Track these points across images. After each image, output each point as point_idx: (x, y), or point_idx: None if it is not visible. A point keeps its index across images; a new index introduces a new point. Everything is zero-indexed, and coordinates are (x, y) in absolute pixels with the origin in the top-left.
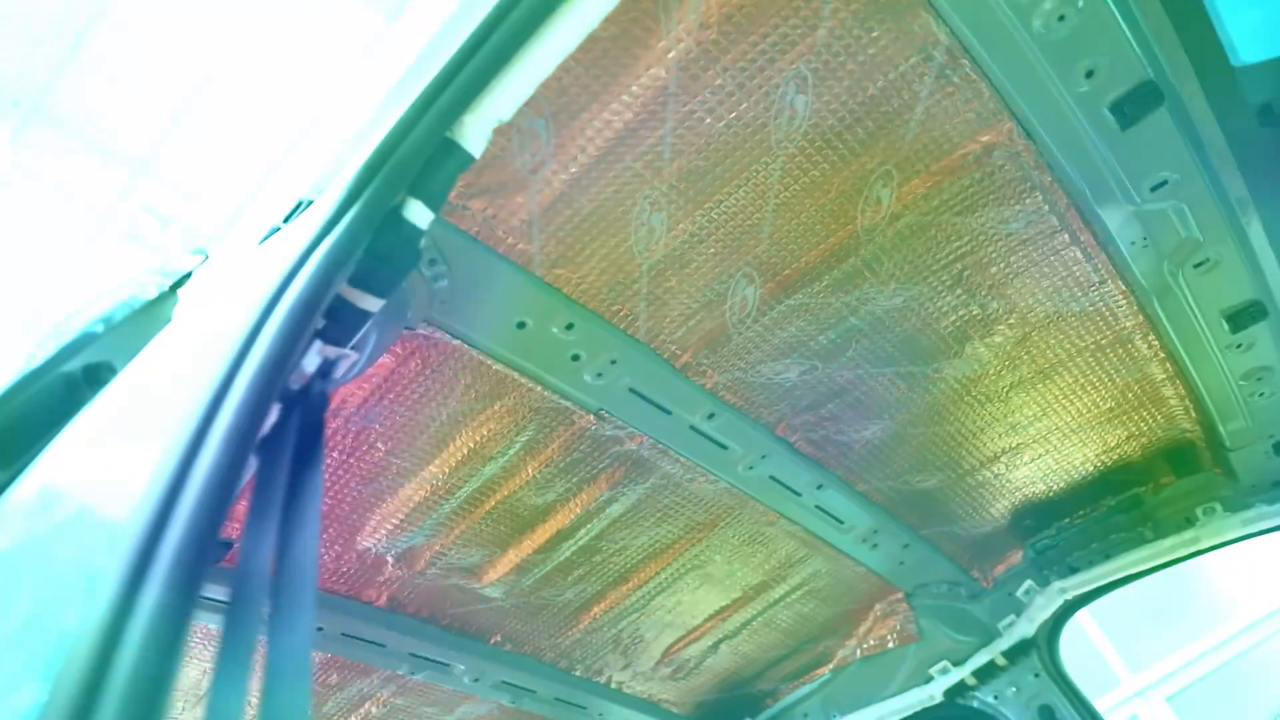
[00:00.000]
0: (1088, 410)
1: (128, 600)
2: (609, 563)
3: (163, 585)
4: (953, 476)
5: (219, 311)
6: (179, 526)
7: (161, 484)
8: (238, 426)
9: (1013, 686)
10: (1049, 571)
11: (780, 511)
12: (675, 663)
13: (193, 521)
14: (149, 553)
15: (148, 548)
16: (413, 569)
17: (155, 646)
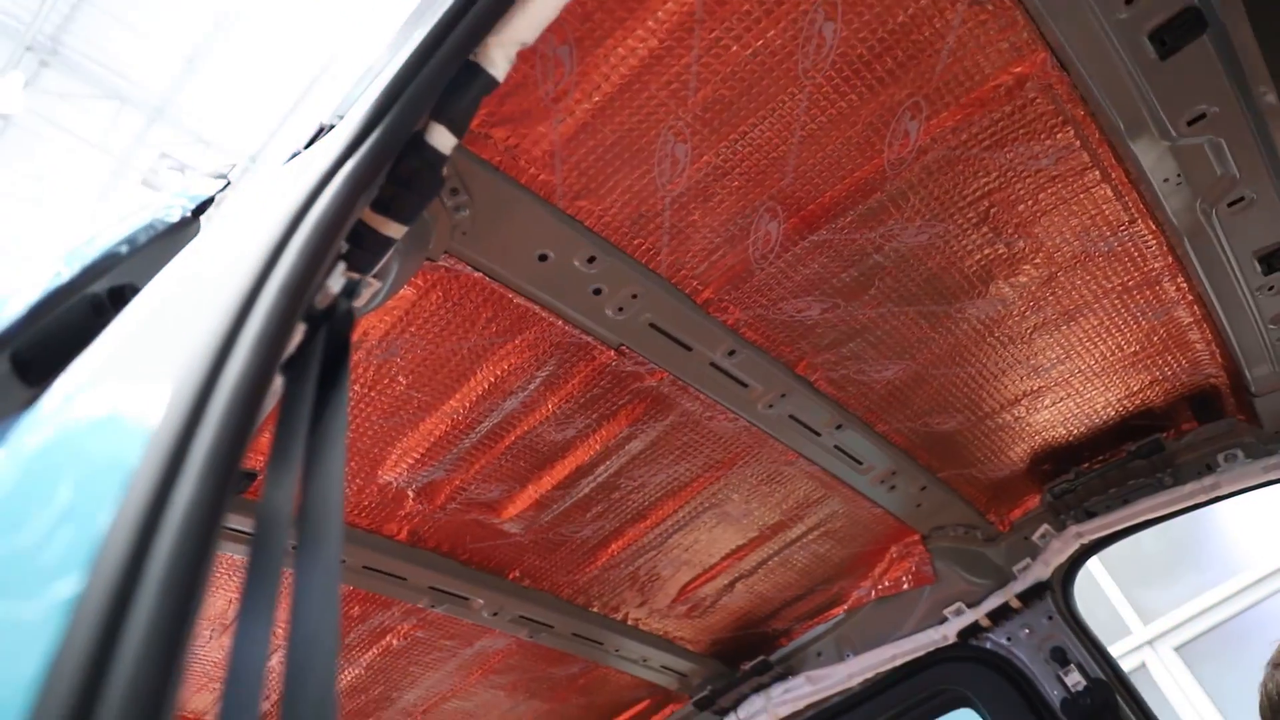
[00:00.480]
0: (1111, 354)
1: (160, 500)
2: (627, 500)
3: (195, 482)
4: (973, 419)
5: (241, 230)
6: (207, 434)
7: (186, 396)
8: (263, 339)
9: (1026, 628)
10: (1065, 516)
11: (799, 451)
12: (691, 601)
13: (220, 431)
14: (179, 456)
15: (180, 447)
16: (433, 503)
17: (191, 538)
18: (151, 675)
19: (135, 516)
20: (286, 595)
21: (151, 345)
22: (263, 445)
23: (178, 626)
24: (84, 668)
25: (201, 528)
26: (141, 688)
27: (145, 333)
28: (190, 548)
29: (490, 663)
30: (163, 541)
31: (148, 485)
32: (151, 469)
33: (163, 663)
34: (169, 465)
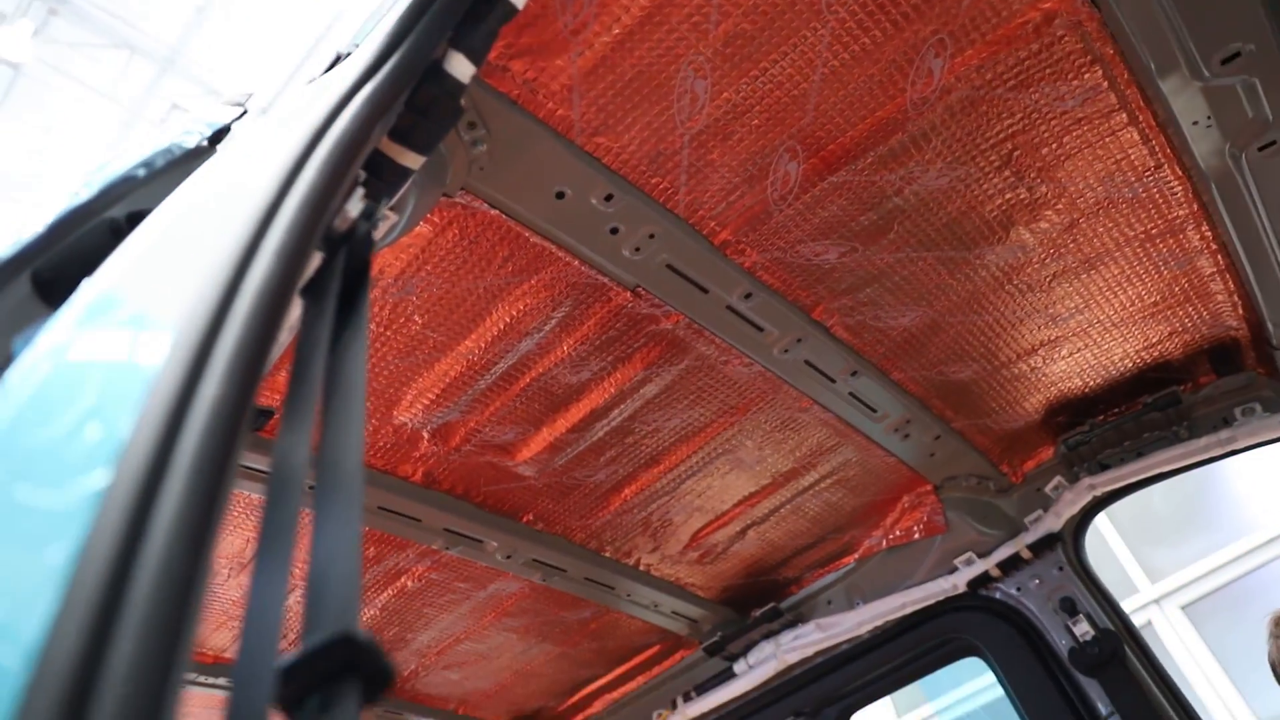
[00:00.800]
0: (1131, 304)
1: (185, 396)
2: (641, 444)
3: (219, 381)
4: (988, 368)
5: (259, 149)
6: (230, 336)
7: (209, 302)
8: (283, 252)
9: (1036, 579)
10: (1079, 468)
11: (813, 397)
12: (703, 547)
13: (243, 334)
14: (203, 356)
15: (203, 348)
16: (448, 445)
17: (216, 434)
18: (179, 563)
19: (161, 411)
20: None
21: (173, 257)
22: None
23: (204, 518)
24: (112, 557)
25: (226, 424)
26: (170, 575)
27: (166, 244)
28: (215, 443)
29: (503, 606)
30: (188, 437)
31: (173, 382)
32: (177, 368)
33: (190, 552)
34: (193, 365)
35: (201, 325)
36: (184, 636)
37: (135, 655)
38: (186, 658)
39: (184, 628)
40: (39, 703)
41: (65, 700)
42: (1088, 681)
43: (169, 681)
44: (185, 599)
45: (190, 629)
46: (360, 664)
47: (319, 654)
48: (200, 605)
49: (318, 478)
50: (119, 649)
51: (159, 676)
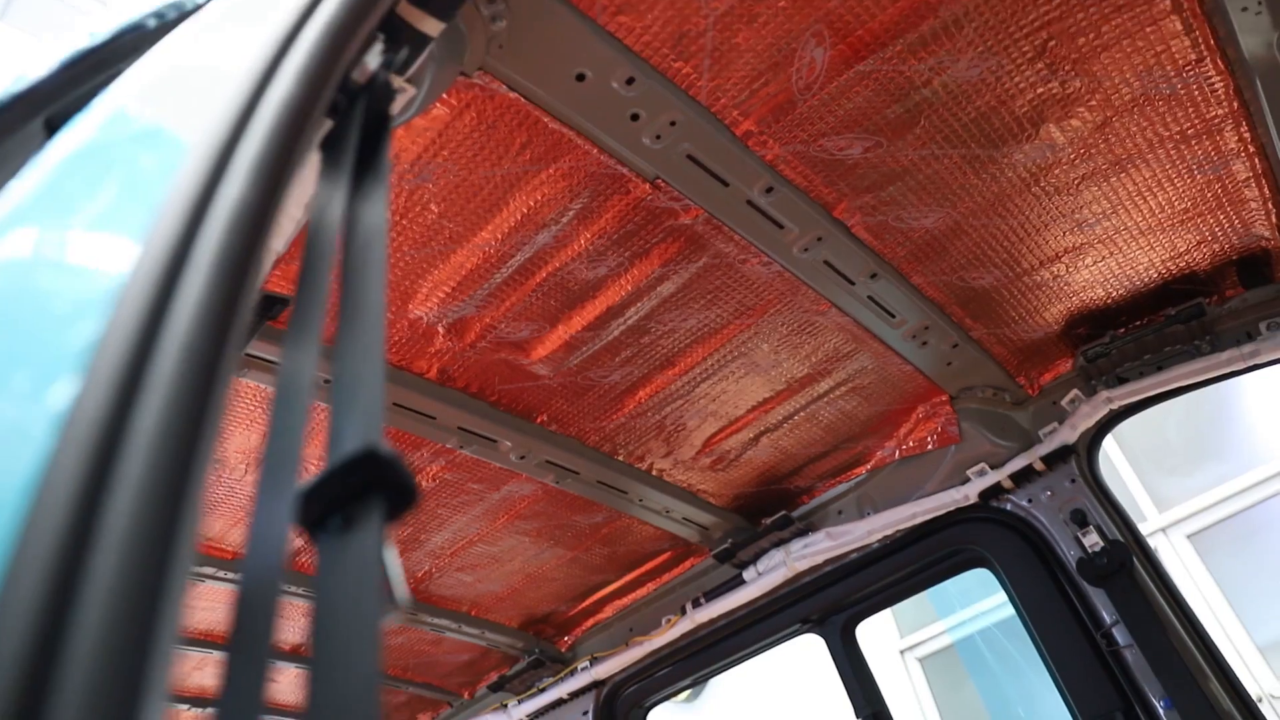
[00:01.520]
0: (1160, 210)
1: (182, 248)
2: (656, 345)
3: (238, 188)
4: (1010, 275)
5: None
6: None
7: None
8: (300, 83)
9: (1048, 491)
10: (1097, 381)
11: (831, 300)
12: (716, 453)
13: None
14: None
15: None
16: (463, 341)
17: (207, 318)
18: (158, 488)
19: (140, 297)
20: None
21: (188, 82)
22: (294, 274)
23: (190, 432)
24: (80, 482)
25: (221, 303)
26: (146, 498)
27: (181, 71)
28: (206, 327)
29: (516, 508)
30: (177, 318)
31: (191, 191)
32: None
33: (172, 475)
34: (213, 174)
35: (220, 138)
36: (183, 511)
37: (127, 532)
38: (187, 539)
39: (183, 500)
40: (19, 594)
41: (49, 595)
42: (1094, 591)
43: (165, 570)
44: (183, 474)
45: (191, 498)
46: (384, 480)
47: (342, 471)
48: (201, 480)
49: (341, 304)
50: (109, 523)
51: (153, 563)
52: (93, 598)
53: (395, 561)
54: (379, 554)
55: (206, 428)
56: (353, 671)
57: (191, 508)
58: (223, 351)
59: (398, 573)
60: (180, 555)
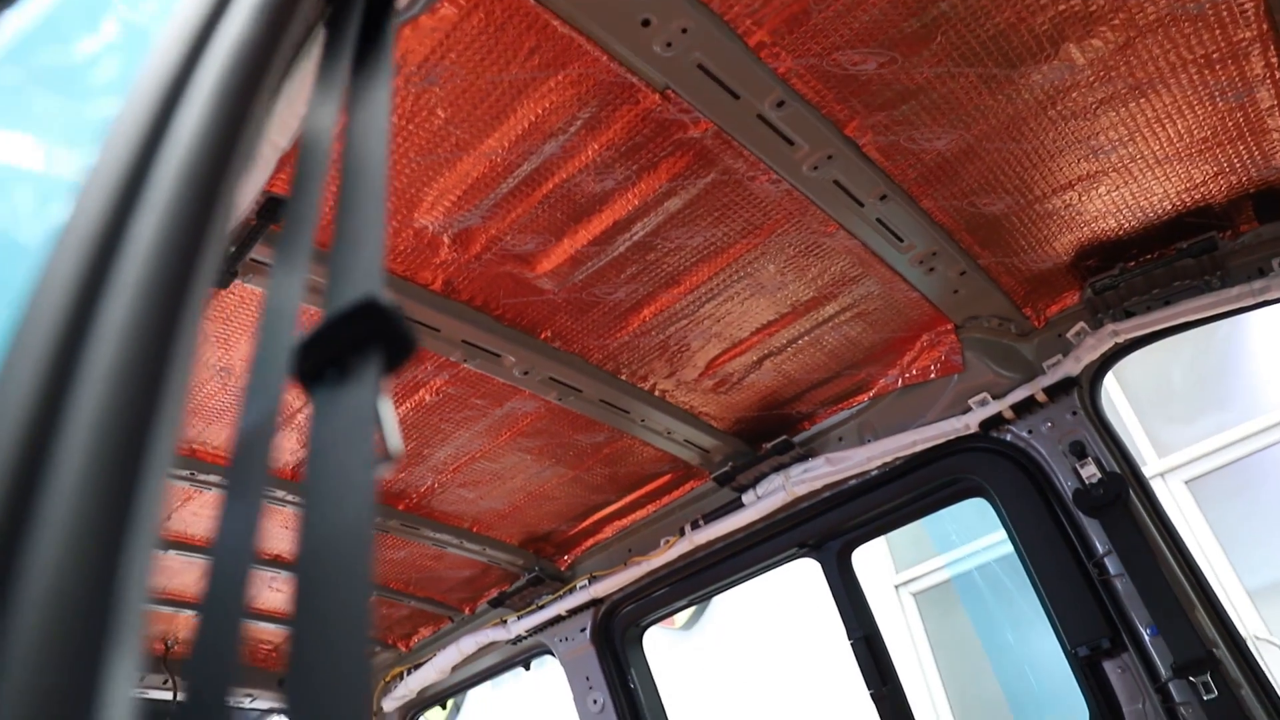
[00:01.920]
0: (1178, 138)
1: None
2: (662, 263)
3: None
4: (1021, 202)
5: None
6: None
7: None
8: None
9: (1048, 422)
10: (1103, 315)
11: (840, 221)
12: (719, 375)
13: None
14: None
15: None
16: (468, 252)
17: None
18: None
19: (110, 185)
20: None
21: None
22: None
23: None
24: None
25: (195, 193)
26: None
27: None
28: (178, 215)
29: (519, 425)
30: (148, 208)
31: (142, 116)
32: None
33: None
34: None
35: (198, 18)
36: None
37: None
38: (170, 413)
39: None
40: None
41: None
42: (1089, 522)
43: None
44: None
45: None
46: (382, 330)
47: (341, 321)
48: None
49: (342, 170)
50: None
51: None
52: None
53: (390, 413)
54: (374, 405)
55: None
56: (345, 519)
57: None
58: (203, 232)
59: (392, 424)
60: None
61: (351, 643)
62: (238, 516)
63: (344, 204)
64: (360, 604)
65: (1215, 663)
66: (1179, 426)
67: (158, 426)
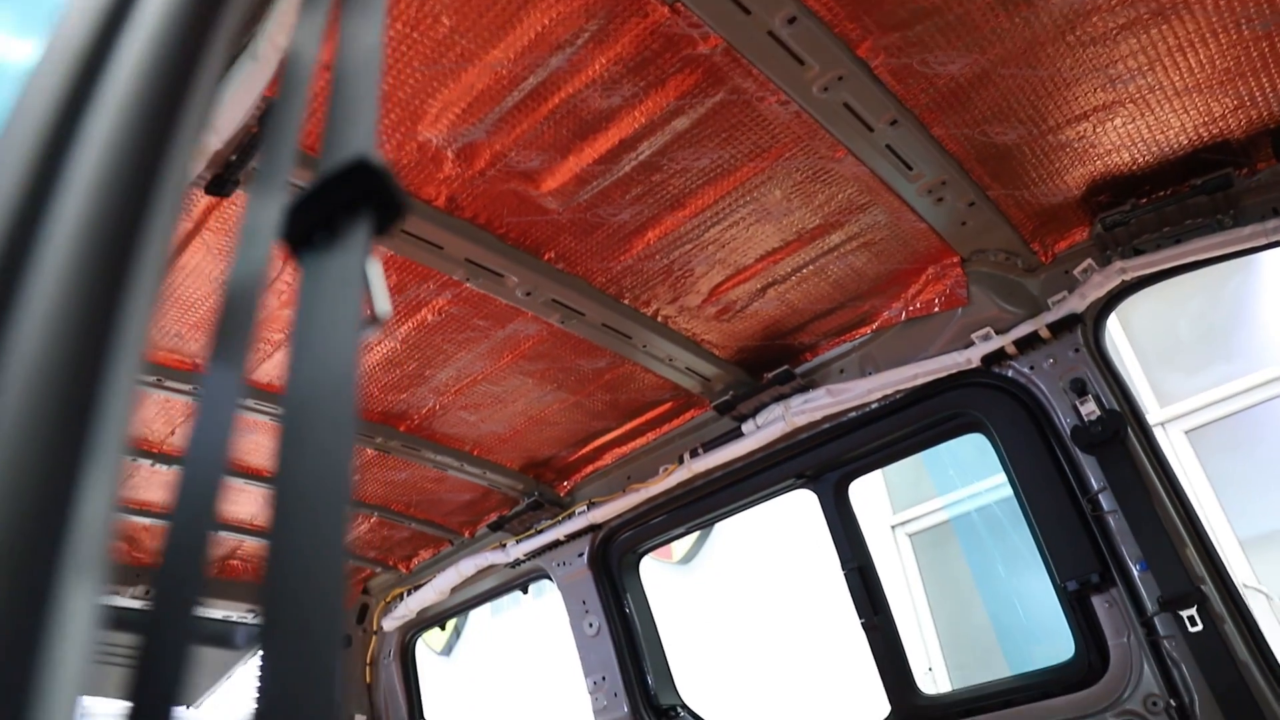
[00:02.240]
0: (1200, 68)
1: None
2: (667, 184)
3: None
4: (1034, 132)
5: None
6: None
7: None
8: None
9: (1050, 359)
10: (1112, 252)
11: (849, 146)
12: (722, 302)
13: None
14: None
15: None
16: (472, 168)
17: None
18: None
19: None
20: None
21: None
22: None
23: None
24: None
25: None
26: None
27: None
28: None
29: (521, 348)
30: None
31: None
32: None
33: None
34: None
35: None
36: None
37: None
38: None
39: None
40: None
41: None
42: (1085, 459)
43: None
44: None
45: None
46: (373, 192)
47: (331, 182)
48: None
49: (339, 41)
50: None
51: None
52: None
53: (379, 276)
54: (363, 268)
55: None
56: (331, 378)
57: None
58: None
59: (381, 287)
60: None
61: (332, 506)
62: (219, 387)
63: (339, 72)
64: (343, 464)
65: (1202, 598)
66: (1182, 376)
67: (121, 327)
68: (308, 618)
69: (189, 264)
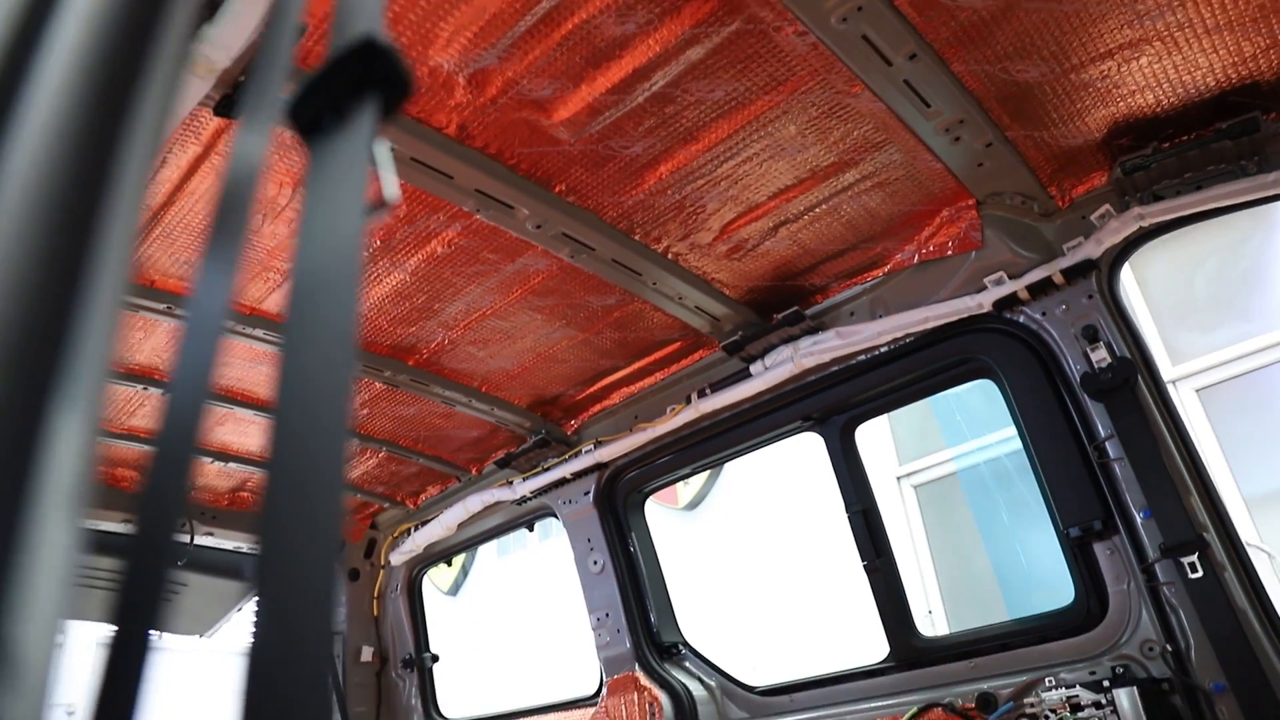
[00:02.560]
0: (1233, 5)
1: None
2: (681, 116)
3: None
4: (1057, 70)
5: None
6: None
7: None
8: None
9: (1063, 305)
10: (1131, 197)
11: (866, 81)
12: (733, 241)
13: None
14: None
15: None
16: (484, 95)
17: None
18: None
19: None
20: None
21: None
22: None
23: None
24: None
25: None
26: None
27: None
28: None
29: (530, 283)
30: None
31: None
32: None
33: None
34: None
35: None
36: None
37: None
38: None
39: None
40: None
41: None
42: (1094, 406)
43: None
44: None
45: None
46: (380, 73)
47: (338, 64)
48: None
49: None
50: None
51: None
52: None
53: (388, 159)
54: (370, 151)
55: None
56: (337, 261)
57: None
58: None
59: (390, 170)
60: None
61: (335, 387)
62: (208, 297)
63: None
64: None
65: (1204, 545)
66: (1196, 335)
67: (100, 242)
68: (304, 542)
69: (198, 189)
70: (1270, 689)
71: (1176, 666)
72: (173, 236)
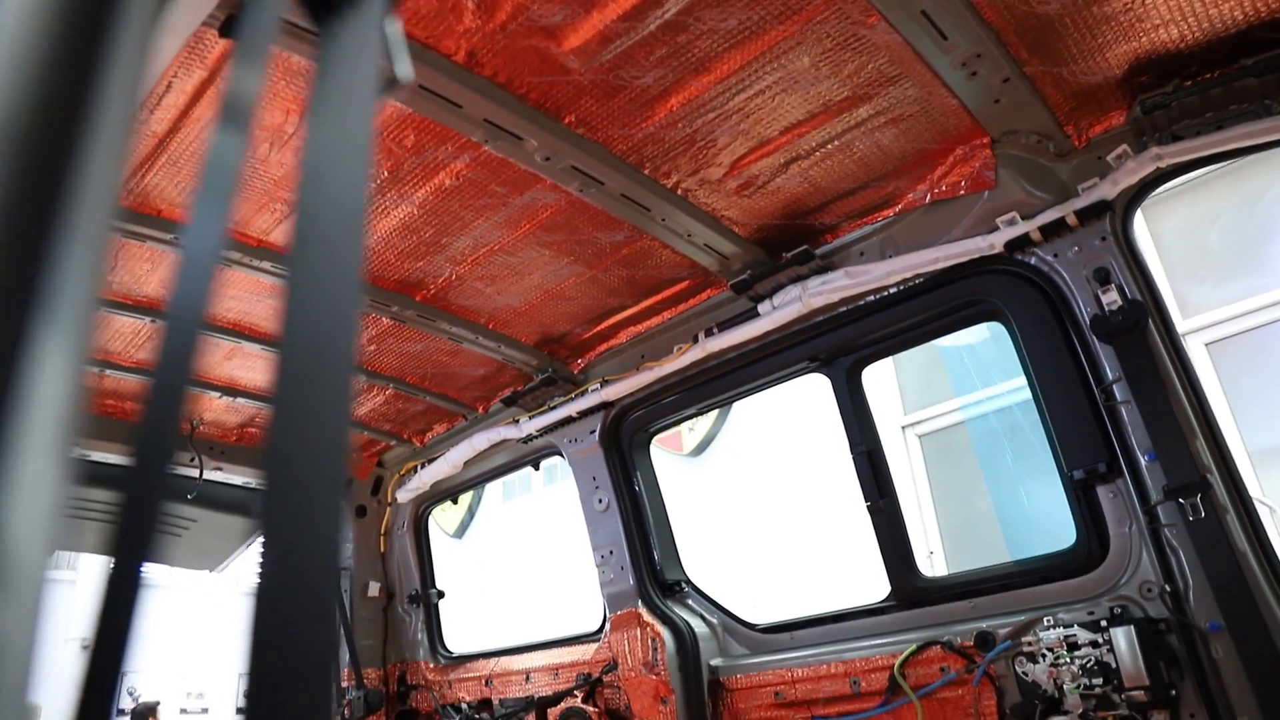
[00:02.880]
0: None
1: None
2: (693, 46)
3: None
4: (1079, 1)
5: None
6: None
7: None
8: None
9: (1076, 247)
10: (1149, 138)
11: (882, 10)
12: (744, 177)
13: None
14: None
15: None
16: (493, 20)
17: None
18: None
19: None
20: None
21: None
22: None
23: None
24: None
25: None
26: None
27: None
28: None
29: (539, 217)
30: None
31: None
32: None
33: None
34: None
35: None
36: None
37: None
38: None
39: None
40: None
41: None
42: (1103, 348)
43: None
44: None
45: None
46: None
47: None
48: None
49: None
50: None
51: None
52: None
53: (399, 37)
54: (382, 30)
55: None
56: (349, 145)
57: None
58: None
59: (402, 50)
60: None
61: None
62: (203, 225)
63: None
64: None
65: (1207, 486)
66: (1208, 288)
67: (83, 164)
68: (311, 478)
69: (204, 116)
70: (1265, 628)
71: (1174, 607)
72: (179, 165)
